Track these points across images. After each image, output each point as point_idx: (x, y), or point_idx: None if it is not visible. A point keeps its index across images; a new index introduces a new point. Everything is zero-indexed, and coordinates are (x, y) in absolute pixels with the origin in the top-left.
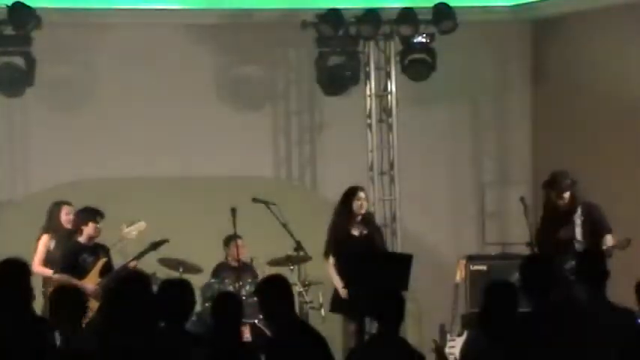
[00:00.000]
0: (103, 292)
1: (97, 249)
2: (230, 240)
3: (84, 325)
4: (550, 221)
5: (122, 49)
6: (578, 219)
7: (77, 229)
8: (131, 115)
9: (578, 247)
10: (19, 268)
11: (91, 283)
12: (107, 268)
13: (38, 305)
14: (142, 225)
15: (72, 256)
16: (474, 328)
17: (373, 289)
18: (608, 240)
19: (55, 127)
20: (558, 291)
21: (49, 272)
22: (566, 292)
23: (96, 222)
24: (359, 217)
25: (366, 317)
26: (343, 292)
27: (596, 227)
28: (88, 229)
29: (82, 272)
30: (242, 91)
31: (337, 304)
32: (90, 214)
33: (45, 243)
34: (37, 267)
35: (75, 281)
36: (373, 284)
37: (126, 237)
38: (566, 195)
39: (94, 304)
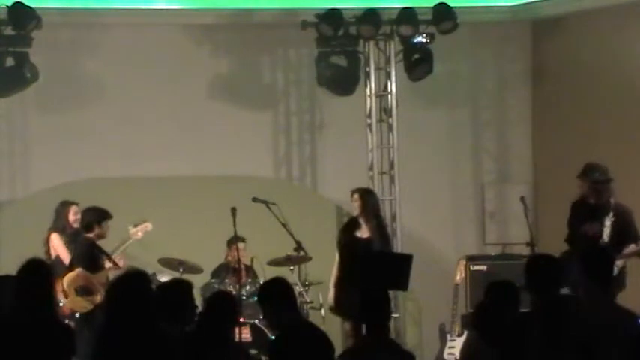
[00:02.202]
0: (106, 290)
1: (103, 251)
2: (232, 241)
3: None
4: (577, 213)
5: (122, 49)
6: (608, 220)
7: (88, 227)
8: (131, 115)
9: None
10: (44, 269)
11: (98, 280)
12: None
13: None
14: (147, 226)
15: (90, 252)
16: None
17: (360, 292)
18: (631, 248)
19: (55, 127)
20: (557, 289)
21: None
22: (572, 290)
23: (106, 223)
24: (361, 219)
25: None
26: (330, 294)
27: (623, 232)
28: (100, 230)
29: (94, 268)
30: (242, 91)
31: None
32: (102, 214)
33: (59, 240)
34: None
35: (95, 283)
36: (374, 284)
37: (132, 237)
38: (590, 187)
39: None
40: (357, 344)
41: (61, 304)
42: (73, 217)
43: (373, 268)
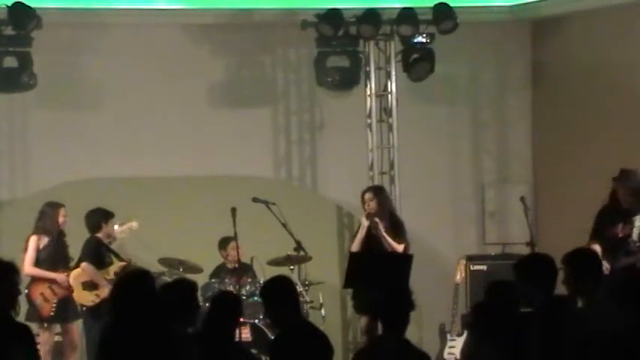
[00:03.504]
0: (111, 289)
1: (111, 250)
2: (226, 242)
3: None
4: (609, 215)
5: (122, 49)
6: (638, 220)
7: (96, 228)
8: (131, 114)
9: (632, 247)
10: (6, 268)
11: (104, 275)
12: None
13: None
14: (132, 225)
15: (97, 250)
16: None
17: (383, 290)
18: None
19: (55, 127)
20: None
21: (42, 272)
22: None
23: (112, 222)
24: (377, 217)
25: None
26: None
27: None
28: (106, 229)
29: (101, 265)
30: (242, 91)
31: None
32: (106, 214)
33: (35, 244)
34: (30, 268)
35: (100, 277)
36: (373, 284)
37: (117, 236)
38: (624, 190)
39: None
40: (373, 342)
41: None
42: (63, 218)
43: (373, 267)
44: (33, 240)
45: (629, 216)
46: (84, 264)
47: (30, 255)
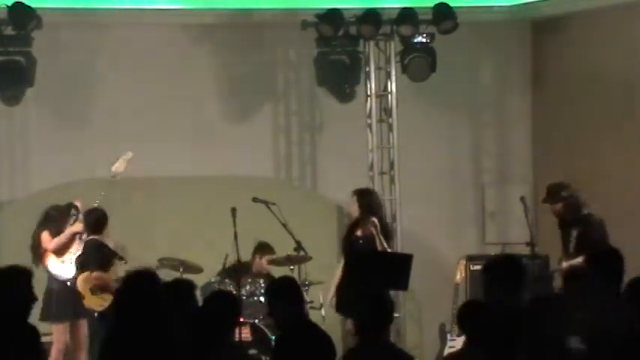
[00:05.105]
0: (115, 290)
1: (111, 250)
2: (264, 250)
3: None
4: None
5: (122, 49)
6: (574, 231)
7: (98, 228)
8: (131, 114)
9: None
10: (22, 275)
11: (110, 277)
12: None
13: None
14: (128, 154)
15: (101, 253)
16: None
17: (359, 292)
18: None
19: (55, 127)
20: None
21: (62, 236)
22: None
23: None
24: (360, 219)
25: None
26: (330, 295)
27: (586, 243)
28: (106, 230)
29: (106, 267)
30: (242, 91)
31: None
32: (105, 215)
33: (48, 235)
34: (51, 244)
35: (112, 282)
36: (373, 284)
37: (116, 172)
38: (557, 206)
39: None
40: (354, 346)
41: None
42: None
43: (373, 267)
44: (45, 233)
45: (569, 228)
46: (95, 273)
47: (46, 238)
